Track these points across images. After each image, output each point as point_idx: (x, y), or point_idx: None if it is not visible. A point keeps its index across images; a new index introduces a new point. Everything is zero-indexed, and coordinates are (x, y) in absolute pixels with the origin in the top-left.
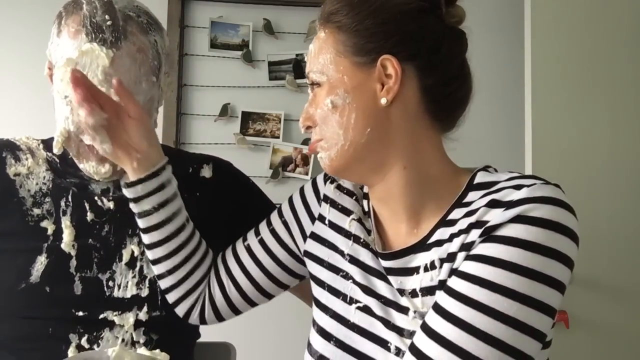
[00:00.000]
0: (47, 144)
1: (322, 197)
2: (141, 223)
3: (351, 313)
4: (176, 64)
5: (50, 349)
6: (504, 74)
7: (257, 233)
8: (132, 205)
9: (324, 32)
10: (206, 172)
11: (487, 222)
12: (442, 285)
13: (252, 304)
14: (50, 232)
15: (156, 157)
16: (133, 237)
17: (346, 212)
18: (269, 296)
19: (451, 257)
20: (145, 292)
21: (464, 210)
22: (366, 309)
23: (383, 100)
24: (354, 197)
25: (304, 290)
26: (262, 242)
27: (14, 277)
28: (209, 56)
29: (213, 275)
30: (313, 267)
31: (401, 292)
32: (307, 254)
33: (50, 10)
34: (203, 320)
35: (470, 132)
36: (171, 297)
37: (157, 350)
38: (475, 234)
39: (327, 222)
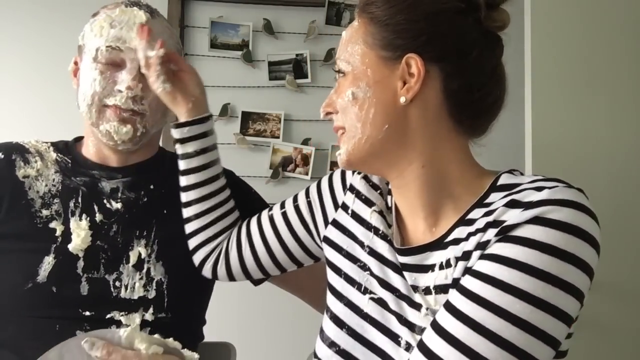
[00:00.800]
0: (57, 146)
1: (348, 186)
2: (182, 164)
3: (364, 303)
4: None
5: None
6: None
7: (282, 206)
8: (176, 147)
9: (357, 21)
10: None
11: (504, 221)
12: (456, 283)
13: (264, 272)
14: (59, 232)
15: (205, 107)
16: (140, 239)
17: (369, 203)
18: (281, 269)
19: (466, 255)
20: (152, 294)
21: (484, 210)
22: (380, 301)
23: (402, 99)
24: (378, 191)
25: (306, 291)
26: (284, 215)
27: (21, 277)
28: (209, 56)
29: (234, 233)
30: (330, 254)
31: (415, 288)
32: (326, 240)
33: (50, 11)
34: (215, 274)
35: None
36: (192, 243)
37: (170, 339)
38: (491, 233)
39: (350, 211)
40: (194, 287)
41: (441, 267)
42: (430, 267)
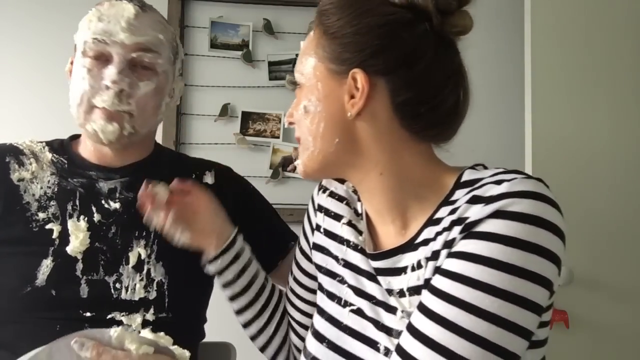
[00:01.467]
0: (52, 145)
1: (316, 207)
2: (226, 292)
3: (344, 316)
4: None
5: None
6: (504, 73)
7: (290, 272)
8: (217, 278)
9: (312, 32)
10: (208, 178)
11: (466, 218)
12: (428, 283)
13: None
14: (56, 234)
15: (228, 228)
16: (140, 239)
17: (338, 217)
18: None
19: (435, 255)
20: (152, 295)
21: (450, 208)
22: (358, 312)
23: (349, 114)
24: (344, 202)
25: None
26: (296, 281)
27: (19, 281)
28: (209, 56)
29: (288, 326)
30: (318, 275)
31: (389, 292)
32: (315, 265)
33: (49, 11)
34: None
35: (470, 132)
36: (258, 343)
37: (162, 333)
38: (456, 231)
39: (322, 230)
40: (194, 287)
41: (413, 269)
42: (403, 270)
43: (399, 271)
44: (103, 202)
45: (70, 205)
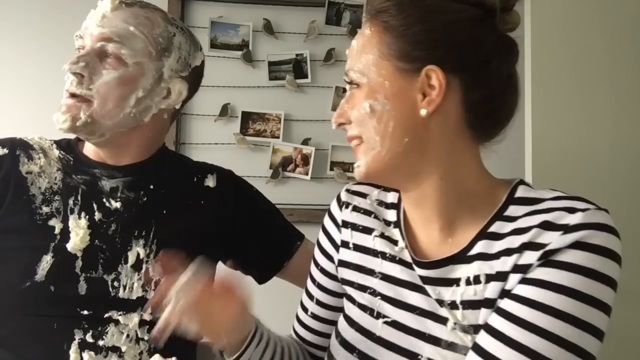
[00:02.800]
0: (60, 144)
1: (340, 223)
2: None
3: (378, 327)
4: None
5: (52, 345)
6: None
7: (311, 297)
8: None
9: (369, 29)
10: (210, 181)
11: (543, 244)
12: (490, 303)
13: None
14: (57, 230)
15: (250, 320)
16: (139, 239)
17: (368, 231)
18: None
19: (501, 276)
20: (150, 294)
21: (509, 225)
22: (394, 324)
23: (423, 112)
24: (372, 215)
25: None
26: (319, 304)
27: (19, 276)
28: (209, 56)
29: None
30: (347, 289)
31: (440, 302)
32: (343, 281)
33: (51, 9)
34: None
35: None
36: None
37: (173, 359)
38: (531, 257)
39: (351, 245)
40: None
41: (468, 282)
42: (455, 281)
43: (450, 282)
44: (104, 200)
45: (72, 201)
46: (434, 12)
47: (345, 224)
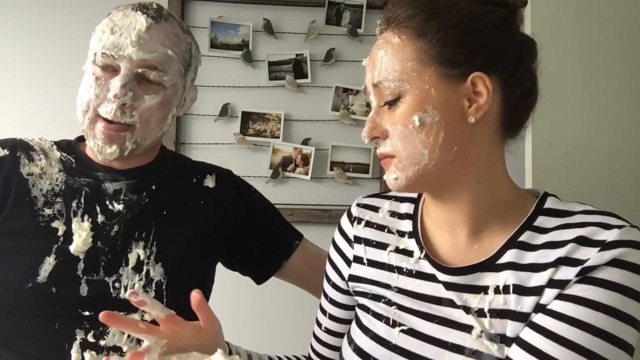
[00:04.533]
0: (60, 145)
1: (352, 239)
2: None
3: (394, 336)
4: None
5: (54, 345)
6: None
7: (324, 312)
8: None
9: (396, 36)
10: (209, 182)
11: (581, 260)
12: (519, 316)
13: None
14: (60, 232)
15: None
16: (139, 241)
17: (382, 246)
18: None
19: (536, 290)
20: (151, 295)
21: (540, 237)
22: (411, 332)
23: (471, 119)
24: (385, 230)
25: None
26: (332, 318)
27: (21, 277)
28: (209, 56)
29: None
30: (360, 299)
31: (466, 309)
32: (356, 293)
33: (52, 11)
34: None
35: None
36: None
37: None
38: (568, 272)
39: (365, 261)
40: (193, 287)
41: (497, 291)
42: (483, 289)
43: (478, 289)
44: (107, 202)
45: (75, 203)
46: (469, 15)
47: (358, 240)
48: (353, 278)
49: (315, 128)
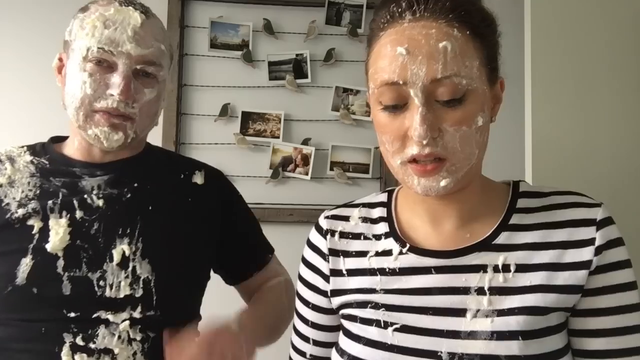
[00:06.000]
0: (34, 148)
1: (327, 252)
2: None
3: (388, 336)
4: (176, 65)
5: (42, 349)
6: (503, 74)
7: (306, 339)
8: None
9: (455, 30)
10: (198, 178)
11: (586, 240)
12: (529, 289)
13: None
14: (36, 230)
15: None
16: (123, 237)
17: (362, 254)
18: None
19: (544, 266)
20: (139, 293)
21: (528, 216)
22: (405, 328)
23: (493, 119)
24: (361, 237)
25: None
26: (317, 344)
27: (0, 281)
28: (209, 56)
29: None
30: (345, 310)
31: (466, 290)
32: (340, 306)
33: (49, 11)
34: None
35: None
36: None
37: None
38: (583, 254)
39: (344, 272)
40: (184, 283)
41: (496, 270)
42: (482, 267)
43: (477, 268)
44: (86, 197)
45: (52, 202)
46: (492, 18)
47: (335, 252)
48: (335, 292)
49: (315, 128)
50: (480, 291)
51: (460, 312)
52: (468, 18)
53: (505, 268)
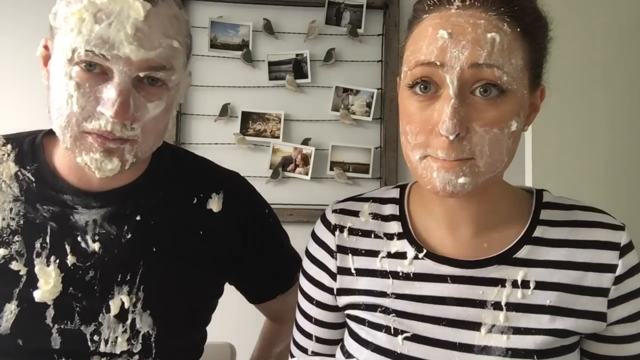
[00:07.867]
0: (22, 146)
1: (334, 249)
2: None
3: (398, 344)
4: None
5: None
6: None
7: (309, 336)
8: None
9: (506, 25)
10: (214, 204)
11: (606, 265)
12: (545, 309)
13: None
14: (23, 273)
15: None
16: (122, 285)
17: (373, 254)
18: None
19: (562, 287)
20: (137, 348)
21: (551, 230)
22: (416, 338)
23: (525, 128)
24: (372, 235)
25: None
26: (320, 341)
27: None
28: (209, 56)
29: None
30: (351, 312)
31: (482, 303)
32: (347, 306)
33: (47, 7)
34: None
35: None
36: None
37: None
38: (601, 279)
39: (353, 271)
40: (188, 337)
41: (515, 285)
42: (500, 282)
43: (495, 282)
44: (79, 239)
45: (40, 243)
46: (546, 20)
47: (344, 250)
48: (342, 291)
49: (315, 128)
50: (496, 306)
51: (474, 326)
52: (521, 14)
53: (525, 284)
